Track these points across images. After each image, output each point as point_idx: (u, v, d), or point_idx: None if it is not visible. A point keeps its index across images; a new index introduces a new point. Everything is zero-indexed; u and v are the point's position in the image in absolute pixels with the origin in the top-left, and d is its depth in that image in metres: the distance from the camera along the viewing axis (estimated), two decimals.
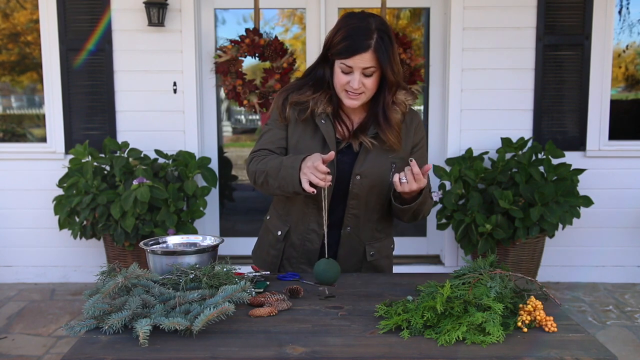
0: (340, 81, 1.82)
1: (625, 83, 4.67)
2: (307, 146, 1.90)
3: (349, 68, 1.79)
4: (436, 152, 4.54)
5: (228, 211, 4.84)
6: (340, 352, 1.33)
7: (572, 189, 3.97)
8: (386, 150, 1.91)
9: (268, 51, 4.26)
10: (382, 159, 1.91)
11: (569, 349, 1.35)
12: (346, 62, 1.78)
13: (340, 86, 1.83)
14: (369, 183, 1.91)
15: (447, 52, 4.36)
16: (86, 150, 4.04)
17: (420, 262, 4.57)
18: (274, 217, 2.08)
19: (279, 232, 2.02)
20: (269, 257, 2.05)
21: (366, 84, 1.81)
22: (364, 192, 1.92)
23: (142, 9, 4.19)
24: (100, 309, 1.43)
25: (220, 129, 4.70)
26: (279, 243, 2.03)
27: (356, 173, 1.90)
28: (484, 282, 1.53)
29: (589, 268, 4.50)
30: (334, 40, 1.81)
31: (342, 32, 1.79)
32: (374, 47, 1.76)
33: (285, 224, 2.01)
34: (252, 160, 1.93)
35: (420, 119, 2.01)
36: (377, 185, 1.92)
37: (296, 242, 2.00)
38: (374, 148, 1.89)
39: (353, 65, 1.78)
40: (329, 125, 1.90)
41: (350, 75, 1.80)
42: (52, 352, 3.34)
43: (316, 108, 1.89)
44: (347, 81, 1.81)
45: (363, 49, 1.76)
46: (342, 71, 1.81)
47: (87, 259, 4.46)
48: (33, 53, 4.53)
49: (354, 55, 1.76)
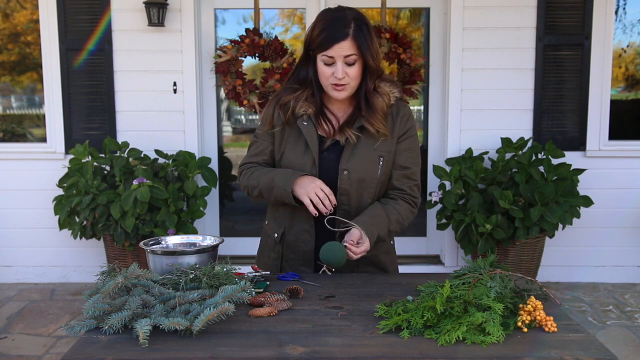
0: (324, 74, 1.84)
1: (625, 83, 4.67)
2: (290, 150, 1.93)
3: (331, 59, 1.81)
4: (436, 152, 4.54)
5: (228, 211, 4.84)
6: (340, 352, 1.33)
7: (572, 189, 3.97)
8: (372, 142, 1.91)
9: (268, 51, 4.26)
10: (368, 152, 1.91)
11: (569, 349, 1.35)
12: (327, 53, 1.81)
13: (325, 79, 1.85)
14: (357, 177, 1.91)
15: (447, 52, 4.36)
16: (86, 150, 4.04)
17: (420, 262, 4.57)
18: (270, 220, 2.09)
19: (275, 235, 2.03)
20: (270, 260, 2.05)
21: (349, 73, 1.83)
22: (353, 187, 1.91)
23: (142, 9, 4.19)
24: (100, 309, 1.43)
25: (220, 129, 4.70)
26: (277, 245, 2.03)
27: (343, 168, 1.90)
28: (484, 282, 1.53)
29: (589, 268, 4.50)
30: (313, 35, 1.84)
31: (320, 25, 1.83)
32: (352, 35, 1.80)
33: (280, 226, 2.02)
34: (242, 174, 2.00)
35: (408, 110, 1.99)
36: (366, 179, 1.92)
37: (291, 244, 2.00)
38: (360, 142, 1.90)
39: (334, 54, 1.80)
40: (310, 126, 1.91)
41: (333, 67, 1.83)
42: (52, 352, 3.34)
43: (297, 109, 1.91)
44: (331, 73, 1.83)
45: (342, 37, 1.79)
46: (325, 63, 1.83)
47: (87, 259, 4.46)
48: (33, 53, 4.53)
49: (334, 45, 1.80)
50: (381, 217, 1.90)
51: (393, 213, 1.92)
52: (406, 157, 1.97)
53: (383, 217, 1.90)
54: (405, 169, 1.97)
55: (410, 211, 1.98)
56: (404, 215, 1.95)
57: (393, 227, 1.93)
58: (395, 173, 1.97)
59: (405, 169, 1.97)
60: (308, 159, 1.91)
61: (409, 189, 1.98)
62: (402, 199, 1.97)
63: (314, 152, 1.90)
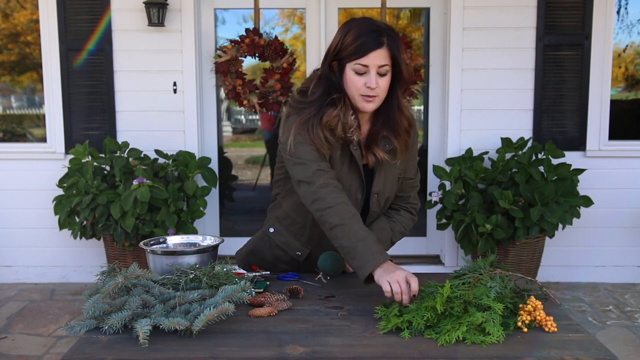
0: (355, 85, 1.75)
1: (625, 83, 4.67)
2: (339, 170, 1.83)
3: (365, 67, 1.73)
4: (436, 152, 4.54)
5: (228, 211, 4.84)
6: (340, 352, 1.33)
7: (572, 189, 3.97)
8: (394, 162, 1.88)
9: (268, 51, 4.26)
10: (392, 173, 1.92)
11: (569, 349, 1.35)
12: (361, 62, 1.73)
13: (356, 90, 1.76)
14: (384, 198, 1.93)
15: (447, 52, 4.36)
16: (86, 150, 4.03)
17: (420, 262, 4.57)
18: (284, 234, 2.01)
19: (298, 253, 2.00)
20: (277, 269, 2.03)
21: (380, 84, 1.76)
22: (380, 209, 1.95)
23: (142, 9, 4.19)
24: (100, 309, 1.43)
25: (220, 129, 4.70)
26: (294, 261, 2.01)
27: (374, 192, 1.90)
28: (484, 282, 1.53)
29: (589, 268, 4.50)
30: (345, 42, 1.75)
31: (353, 33, 1.74)
32: (387, 43, 1.74)
33: (306, 247, 1.99)
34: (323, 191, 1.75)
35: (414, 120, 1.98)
36: (390, 199, 1.96)
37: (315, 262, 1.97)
38: (386, 163, 1.87)
39: (369, 63, 1.73)
40: (358, 152, 1.84)
41: (365, 76, 1.74)
42: (52, 352, 3.34)
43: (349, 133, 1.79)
44: (363, 83, 1.74)
45: (378, 45, 1.73)
46: (357, 72, 1.74)
47: (87, 259, 4.45)
48: (33, 53, 4.53)
49: (370, 53, 1.72)
50: (385, 230, 1.96)
51: (397, 226, 1.99)
52: (411, 167, 1.99)
53: (387, 231, 1.96)
54: (411, 179, 2.01)
55: (412, 219, 2.05)
56: (406, 225, 2.02)
57: (395, 238, 2.01)
58: (403, 184, 1.99)
59: (411, 179, 2.00)
60: (358, 184, 1.87)
61: (413, 198, 2.03)
62: (404, 209, 2.02)
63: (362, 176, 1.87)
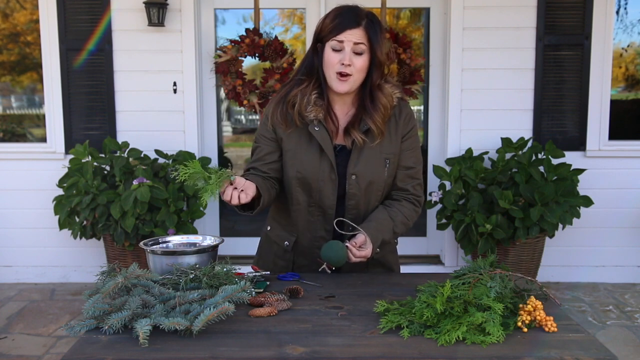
0: (331, 61, 1.83)
1: (625, 83, 4.67)
2: (305, 156, 1.90)
3: (340, 43, 1.82)
4: (436, 152, 4.54)
5: (228, 211, 4.84)
6: (340, 352, 1.33)
7: (572, 189, 3.97)
8: (378, 145, 1.90)
9: (268, 51, 4.26)
10: (375, 155, 1.91)
11: (569, 349, 1.35)
12: (337, 38, 1.82)
13: (331, 67, 1.84)
14: (366, 181, 1.91)
15: (447, 52, 4.36)
16: (86, 150, 4.03)
17: (420, 262, 4.57)
18: (276, 228, 2.06)
19: (286, 243, 2.01)
20: (276, 268, 2.03)
21: (356, 63, 1.83)
22: (361, 191, 1.92)
23: (142, 9, 4.19)
24: (100, 309, 1.43)
25: (220, 129, 4.70)
26: (287, 253, 2.02)
27: (351, 173, 1.90)
28: (484, 282, 1.53)
29: (589, 268, 4.50)
30: (325, 22, 1.86)
31: (333, 13, 1.86)
32: (364, 25, 1.83)
33: (292, 234, 2.00)
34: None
35: (410, 110, 2.01)
36: (374, 182, 1.93)
37: (305, 251, 1.99)
38: (366, 145, 1.89)
39: (344, 39, 1.81)
40: (322, 131, 1.89)
41: (341, 53, 1.83)
42: (52, 352, 3.34)
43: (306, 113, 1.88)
44: (339, 60, 1.83)
45: (354, 25, 1.82)
46: (333, 49, 1.83)
47: (87, 259, 4.45)
48: (33, 53, 4.53)
49: (345, 30, 1.82)
50: (386, 220, 1.92)
51: (398, 215, 1.95)
52: (409, 157, 1.98)
53: (387, 220, 1.93)
54: (409, 168, 1.98)
55: (415, 211, 2.00)
56: (408, 216, 1.97)
57: (398, 229, 1.96)
58: (399, 173, 1.98)
59: (409, 169, 1.98)
60: (325, 164, 1.89)
61: (413, 189, 1.99)
62: (405, 199, 1.99)
63: (331, 157, 1.88)
